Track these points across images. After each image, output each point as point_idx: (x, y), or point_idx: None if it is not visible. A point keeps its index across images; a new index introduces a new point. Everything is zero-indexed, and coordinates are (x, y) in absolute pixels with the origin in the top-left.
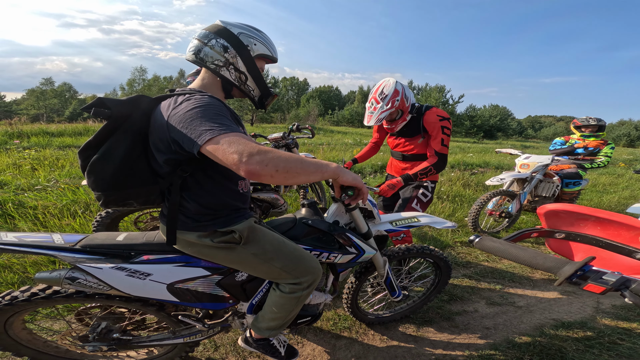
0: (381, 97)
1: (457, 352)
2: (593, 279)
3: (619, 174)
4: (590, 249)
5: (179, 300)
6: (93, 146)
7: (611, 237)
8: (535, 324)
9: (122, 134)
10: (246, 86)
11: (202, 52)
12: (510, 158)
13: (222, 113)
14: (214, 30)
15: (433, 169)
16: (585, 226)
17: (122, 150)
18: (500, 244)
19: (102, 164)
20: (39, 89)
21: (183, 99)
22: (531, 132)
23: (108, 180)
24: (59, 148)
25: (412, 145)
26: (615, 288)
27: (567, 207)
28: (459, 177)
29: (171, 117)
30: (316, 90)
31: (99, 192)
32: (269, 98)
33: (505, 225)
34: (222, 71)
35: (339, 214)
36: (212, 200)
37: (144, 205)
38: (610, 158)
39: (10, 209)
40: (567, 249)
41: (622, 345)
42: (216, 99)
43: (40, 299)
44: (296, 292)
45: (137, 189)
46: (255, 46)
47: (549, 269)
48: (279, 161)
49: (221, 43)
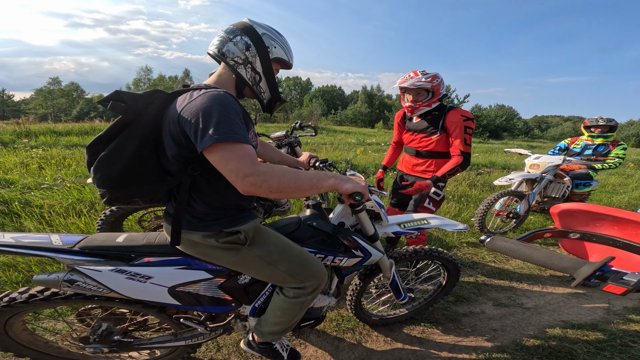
0: (422, 72)
1: (463, 354)
2: (613, 279)
3: (629, 175)
4: (607, 249)
5: (181, 303)
6: (104, 141)
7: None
8: (544, 326)
9: (134, 130)
10: (258, 87)
11: (225, 47)
12: (518, 158)
13: (234, 114)
14: (241, 27)
15: (460, 169)
16: (602, 226)
17: (133, 146)
18: (513, 244)
19: (111, 160)
20: (47, 88)
21: (198, 94)
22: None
23: (115, 177)
24: (66, 147)
25: (427, 142)
26: (636, 289)
27: (583, 207)
28: (464, 177)
29: (184, 111)
30: (319, 90)
31: (105, 189)
32: (277, 102)
33: (512, 226)
34: (239, 69)
35: (344, 215)
36: (220, 200)
37: (149, 204)
38: (623, 159)
39: (17, 207)
40: (581, 249)
41: (634, 348)
42: (230, 95)
43: (39, 300)
44: (300, 296)
45: (145, 187)
46: (275, 49)
47: (566, 270)
48: (272, 182)
49: (245, 40)
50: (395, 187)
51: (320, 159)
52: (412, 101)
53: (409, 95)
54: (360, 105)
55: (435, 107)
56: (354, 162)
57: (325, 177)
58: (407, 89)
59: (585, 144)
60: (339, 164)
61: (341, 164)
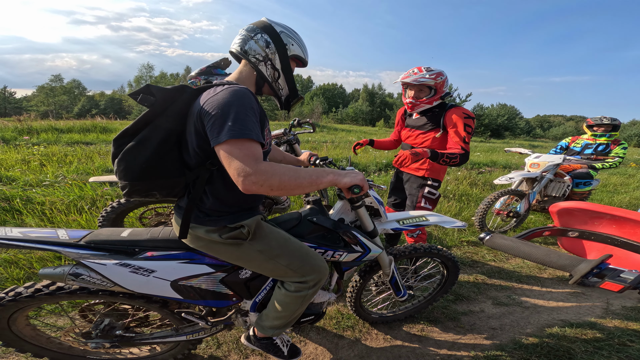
0: (427, 68)
1: (462, 352)
2: (610, 277)
3: (630, 174)
4: (605, 247)
5: (183, 297)
6: (130, 134)
7: (628, 235)
8: (543, 325)
9: (160, 123)
10: (277, 84)
11: (247, 45)
12: (519, 157)
13: (251, 111)
14: (260, 26)
15: (459, 159)
16: (600, 224)
17: (157, 139)
18: (512, 242)
19: (136, 152)
20: (49, 85)
21: (222, 89)
22: (540, 132)
23: (138, 169)
24: (67, 144)
25: (423, 139)
26: (633, 286)
27: (582, 205)
28: (465, 176)
29: (207, 104)
30: (320, 88)
31: (126, 182)
32: (295, 99)
33: (512, 225)
34: (260, 65)
35: (344, 211)
36: (232, 196)
37: (166, 197)
38: (623, 159)
39: (18, 204)
40: (580, 248)
41: (632, 347)
42: (251, 92)
43: (44, 295)
44: (302, 290)
45: (164, 181)
46: (292, 46)
47: (564, 267)
48: (273, 180)
49: (265, 38)
50: (393, 187)
51: (320, 157)
52: (413, 97)
53: (411, 92)
54: (361, 103)
55: (437, 104)
56: (355, 160)
57: (324, 173)
58: (409, 85)
59: (586, 143)
60: (339, 162)
61: (342, 162)
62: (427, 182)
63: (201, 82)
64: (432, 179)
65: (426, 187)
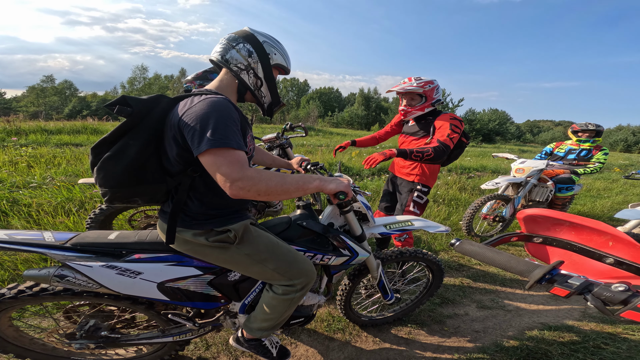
0: (416, 78)
1: (446, 355)
2: (559, 282)
3: (614, 179)
4: (565, 253)
5: (170, 299)
6: (108, 143)
7: (584, 241)
8: (524, 328)
9: (137, 132)
10: (260, 92)
11: (228, 54)
12: (507, 162)
13: (230, 120)
14: (243, 35)
15: (432, 153)
16: (561, 231)
17: (136, 148)
18: (479, 248)
19: (115, 161)
20: (40, 86)
21: (199, 99)
22: (529, 137)
23: (117, 176)
24: (57, 146)
25: (415, 145)
26: (578, 292)
27: (544, 212)
28: (455, 181)
29: (185, 115)
30: (316, 91)
31: (106, 189)
32: (277, 106)
33: (499, 229)
34: (242, 74)
35: (333, 216)
36: (216, 201)
37: (148, 203)
38: (604, 164)
39: (4, 206)
40: (544, 253)
41: (606, 350)
42: (229, 102)
43: (27, 296)
44: (289, 294)
45: (145, 187)
46: (275, 56)
47: (521, 272)
48: (260, 186)
49: (247, 48)
50: (386, 191)
51: (312, 162)
52: (406, 105)
53: (404, 100)
54: (357, 107)
55: (429, 112)
56: (349, 165)
57: (310, 179)
58: (401, 94)
59: (569, 149)
60: (332, 167)
61: (336, 166)
62: (417, 187)
63: (196, 86)
64: (422, 184)
65: (415, 191)
